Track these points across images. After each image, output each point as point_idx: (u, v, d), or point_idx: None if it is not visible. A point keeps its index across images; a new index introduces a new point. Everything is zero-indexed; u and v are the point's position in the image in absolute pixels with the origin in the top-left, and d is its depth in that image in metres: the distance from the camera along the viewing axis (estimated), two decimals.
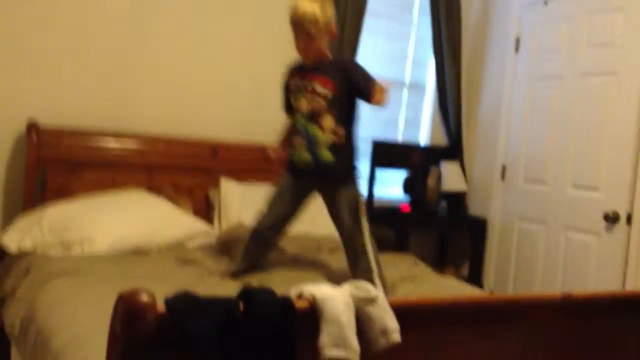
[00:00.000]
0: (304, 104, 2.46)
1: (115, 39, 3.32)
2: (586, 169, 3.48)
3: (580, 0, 3.60)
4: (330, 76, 2.42)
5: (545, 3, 3.85)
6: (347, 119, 2.47)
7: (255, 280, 2.38)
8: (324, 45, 2.46)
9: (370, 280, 2.37)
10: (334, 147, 2.43)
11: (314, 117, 2.43)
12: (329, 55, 2.52)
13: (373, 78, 2.42)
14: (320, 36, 2.40)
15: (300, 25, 2.38)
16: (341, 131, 2.43)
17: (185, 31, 3.50)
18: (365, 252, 2.46)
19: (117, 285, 2.16)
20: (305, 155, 2.47)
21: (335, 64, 2.50)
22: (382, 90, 2.35)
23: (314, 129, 2.43)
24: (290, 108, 2.59)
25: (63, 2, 3.19)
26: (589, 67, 3.52)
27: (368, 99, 2.36)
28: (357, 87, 2.40)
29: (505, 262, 4.03)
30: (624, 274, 3.21)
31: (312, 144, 2.45)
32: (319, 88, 2.42)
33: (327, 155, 2.44)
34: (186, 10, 3.49)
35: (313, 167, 2.47)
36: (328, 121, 2.42)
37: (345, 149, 2.47)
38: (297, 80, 2.51)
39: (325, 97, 2.41)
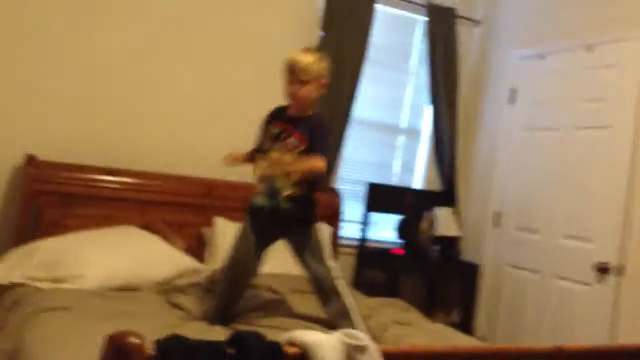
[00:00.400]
0: (275, 153, 2.48)
1: (113, 77, 3.37)
2: (578, 220, 3.51)
3: (575, 57, 3.69)
4: (305, 133, 2.46)
5: (542, 57, 3.94)
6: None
7: (242, 324, 2.37)
8: (313, 97, 2.51)
9: (347, 318, 2.41)
10: (294, 198, 2.46)
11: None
12: (311, 109, 2.56)
13: (326, 146, 2.60)
14: (311, 85, 2.46)
15: (294, 72, 2.45)
16: (304, 186, 2.47)
17: (184, 70, 3.56)
18: (336, 292, 2.46)
19: (106, 323, 2.16)
20: (265, 201, 2.48)
21: (310, 120, 2.52)
22: (322, 162, 2.43)
23: (279, 179, 2.45)
24: (257, 150, 2.61)
25: (62, 40, 3.24)
26: (582, 120, 3.59)
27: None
28: (311, 145, 2.45)
29: (496, 308, 4.01)
30: (613, 325, 3.21)
31: (273, 192, 2.46)
32: (294, 142, 2.45)
33: (286, 204, 2.46)
34: (183, 50, 3.55)
35: (271, 212, 2.48)
36: (294, 174, 2.45)
37: (305, 200, 2.51)
38: (276, 127, 2.53)
39: (297, 151, 2.45)
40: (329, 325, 2.35)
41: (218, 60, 3.65)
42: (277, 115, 2.58)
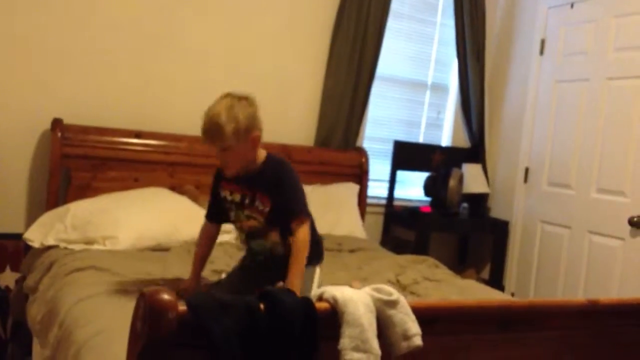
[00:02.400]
0: (243, 220, 2.08)
1: (140, 39, 3.34)
2: (611, 174, 3.43)
3: (606, 3, 3.55)
4: (263, 190, 2.01)
5: (572, 5, 3.79)
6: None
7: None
8: (249, 158, 2.01)
9: None
10: (282, 257, 2.01)
11: (256, 234, 2.08)
12: (258, 161, 2.05)
13: (300, 197, 2.04)
14: (237, 149, 1.96)
15: (210, 139, 1.97)
16: (287, 244, 2.02)
17: (212, 33, 3.52)
18: None
19: (138, 282, 2.19)
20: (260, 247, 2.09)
21: (266, 174, 2.03)
22: (303, 239, 1.97)
23: (258, 244, 2.08)
24: (215, 215, 2.17)
25: (89, 3, 3.22)
26: (615, 70, 3.47)
27: (291, 220, 1.98)
28: (284, 204, 2.00)
29: (527, 265, 3.98)
30: None
31: (256, 254, 2.10)
32: (257, 203, 2.02)
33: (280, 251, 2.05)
34: (212, 13, 3.51)
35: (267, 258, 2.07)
36: (273, 237, 2.06)
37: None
38: (232, 191, 2.07)
39: (262, 214, 2.02)
40: None
41: (238, 18, 3.60)
42: (223, 179, 2.10)
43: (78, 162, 3.09)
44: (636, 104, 3.31)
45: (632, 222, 3.23)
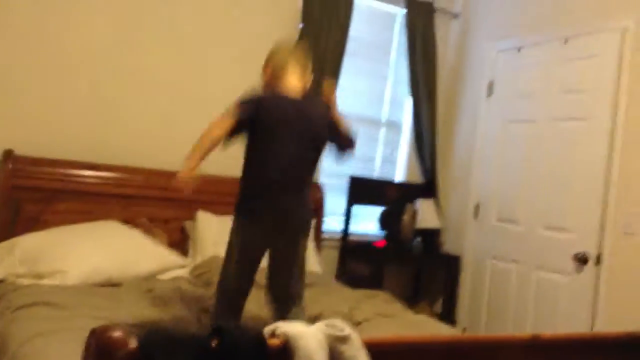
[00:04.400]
0: None
1: (94, 72, 3.34)
2: (557, 210, 3.56)
3: (552, 48, 3.73)
4: None
5: (519, 50, 3.98)
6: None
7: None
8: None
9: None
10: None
11: None
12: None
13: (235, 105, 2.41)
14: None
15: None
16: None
17: (164, 65, 3.53)
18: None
19: (89, 318, 2.15)
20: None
21: None
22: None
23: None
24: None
25: (43, 34, 3.20)
26: (560, 112, 3.63)
27: None
28: None
29: (478, 299, 4.06)
30: (593, 313, 3.27)
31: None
32: None
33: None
34: (165, 44, 3.53)
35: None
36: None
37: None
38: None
39: None
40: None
41: (198, 53, 3.63)
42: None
43: (28, 194, 3.03)
44: (579, 143, 3.47)
45: (577, 258, 3.36)
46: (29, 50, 3.17)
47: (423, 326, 2.68)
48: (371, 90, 4.36)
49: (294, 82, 2.45)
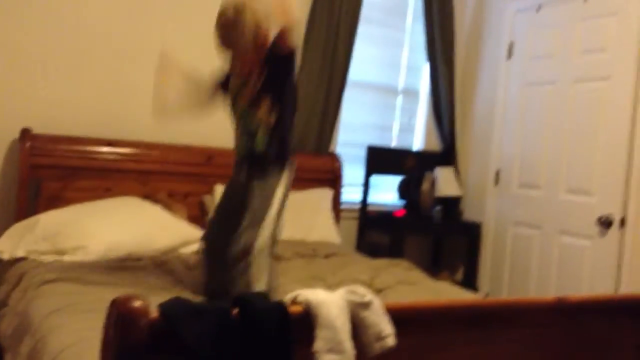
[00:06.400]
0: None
1: (111, 47, 3.32)
2: (579, 174, 3.50)
3: (572, 7, 3.63)
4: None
5: (538, 9, 3.87)
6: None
7: None
8: None
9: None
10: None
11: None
12: None
13: None
14: None
15: None
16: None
17: (182, 39, 3.50)
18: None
19: (109, 291, 2.17)
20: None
21: None
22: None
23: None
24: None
25: (60, 11, 3.18)
26: (581, 72, 3.54)
27: None
28: None
29: (499, 266, 4.03)
30: (617, 278, 3.22)
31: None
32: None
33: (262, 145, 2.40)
34: (183, 19, 3.49)
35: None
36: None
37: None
38: None
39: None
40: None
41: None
42: None
43: (48, 172, 3.05)
44: (602, 104, 3.39)
45: (600, 222, 3.30)
46: (45, 28, 3.15)
47: (445, 293, 2.67)
48: (387, 57, 4.29)
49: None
